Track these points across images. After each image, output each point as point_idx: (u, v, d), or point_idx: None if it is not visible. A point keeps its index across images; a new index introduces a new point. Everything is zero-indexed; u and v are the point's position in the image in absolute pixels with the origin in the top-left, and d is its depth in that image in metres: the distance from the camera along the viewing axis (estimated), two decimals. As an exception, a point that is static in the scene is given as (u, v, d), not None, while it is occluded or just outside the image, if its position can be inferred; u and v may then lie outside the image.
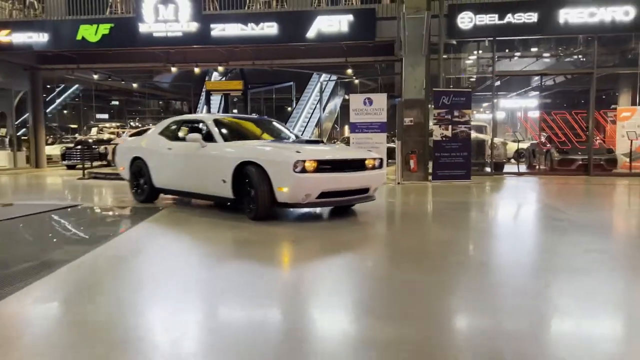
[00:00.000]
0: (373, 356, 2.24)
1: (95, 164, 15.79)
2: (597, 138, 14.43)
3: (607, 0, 12.20)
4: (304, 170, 5.53)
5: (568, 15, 12.22)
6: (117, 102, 34.88)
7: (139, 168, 7.50)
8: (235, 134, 6.98)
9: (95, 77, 19.76)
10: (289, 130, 7.95)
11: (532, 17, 12.32)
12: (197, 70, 16.79)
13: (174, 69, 16.77)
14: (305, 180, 5.54)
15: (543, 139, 15.16)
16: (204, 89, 24.71)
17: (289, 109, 31.65)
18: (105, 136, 19.33)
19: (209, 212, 6.85)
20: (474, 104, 23.45)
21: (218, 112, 23.84)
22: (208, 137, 6.59)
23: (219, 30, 13.77)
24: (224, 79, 22.90)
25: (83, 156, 16.97)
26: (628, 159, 13.34)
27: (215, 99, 23.71)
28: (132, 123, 31.97)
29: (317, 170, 5.63)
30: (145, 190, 7.48)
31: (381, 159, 6.41)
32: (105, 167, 15.53)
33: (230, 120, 7.60)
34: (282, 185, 5.56)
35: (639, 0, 12.05)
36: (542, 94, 23.52)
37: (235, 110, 25.47)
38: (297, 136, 7.59)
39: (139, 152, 7.58)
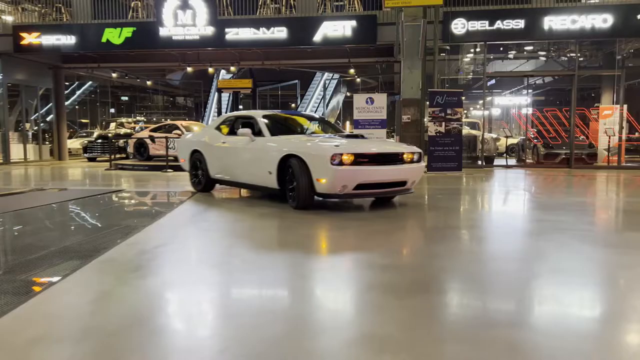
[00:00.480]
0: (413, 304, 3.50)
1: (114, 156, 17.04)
2: (580, 134, 15.67)
3: (587, 9, 13.47)
4: (341, 163, 5.83)
5: (552, 22, 13.46)
6: (126, 98, 36.13)
7: (197, 160, 8.12)
8: (282, 128, 7.40)
9: (114, 75, 21.04)
10: (333, 125, 8.39)
11: (519, 23, 13.57)
12: (210, 70, 18.04)
13: (189, 69, 18.04)
14: (342, 173, 5.82)
15: (531, 135, 16.41)
16: (213, 86, 25.96)
17: (293, 105, 32.89)
18: (122, 131, 20.59)
19: (257, 201, 7.25)
20: (470, 102, 24.83)
21: (227, 108, 25.07)
22: (257, 132, 7.09)
23: (233, 34, 15.02)
24: (232, 77, 24.10)
25: (103, 149, 18.28)
26: (608, 154, 14.59)
27: (224, 96, 24.93)
28: (137, 118, 33.21)
29: (354, 163, 5.90)
30: (202, 181, 8.08)
31: (420, 153, 6.55)
32: (124, 159, 16.70)
33: (278, 116, 8.08)
34: (321, 176, 5.90)
35: (616, 9, 13.31)
36: (535, 91, 24.77)
37: (241, 107, 26.69)
38: (340, 131, 7.89)
39: (197, 145, 8.16)
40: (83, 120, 33.37)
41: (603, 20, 13.25)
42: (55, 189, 8.85)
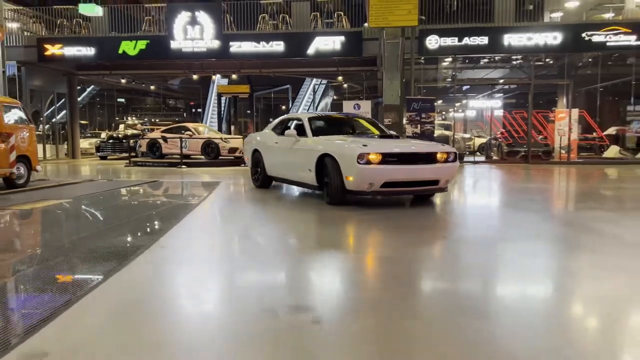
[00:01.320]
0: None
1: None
2: (540, 134, 18.03)
3: (540, 28, 15.81)
4: (368, 162, 6.13)
5: (511, 39, 15.77)
6: (122, 100, 37.84)
7: (257, 159, 8.73)
8: (325, 129, 7.84)
9: (123, 81, 22.98)
10: (378, 126, 8.49)
11: (484, 40, 15.85)
12: (213, 77, 20.08)
13: (195, 76, 20.06)
14: (368, 171, 6.13)
15: (498, 134, 18.75)
16: (210, 91, 27.94)
17: (283, 107, 35.02)
18: (130, 132, 22.50)
19: (300, 197, 7.91)
20: (447, 104, 27.07)
21: (224, 110, 27.07)
22: (302, 132, 7.56)
23: (236, 47, 17.08)
24: (228, 82, 26.08)
25: (114, 149, 20.20)
26: (562, 151, 16.96)
27: (223, 99, 26.93)
28: (144, 120, 34.97)
29: (382, 162, 6.19)
30: (259, 178, 8.71)
31: (455, 153, 6.67)
32: (135, 157, 18.31)
33: (323, 118, 8.60)
34: (349, 174, 6.25)
35: (564, 28, 15.68)
36: (506, 95, 27.21)
37: (232, 109, 28.72)
38: (383, 131, 8.12)
39: (257, 145, 8.80)
40: (82, 122, 35.00)
41: (553, 38, 15.59)
42: (103, 180, 10.85)
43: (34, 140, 9.56)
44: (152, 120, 37.28)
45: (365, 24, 15.86)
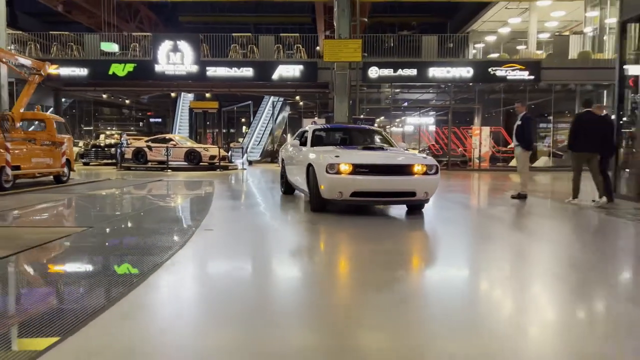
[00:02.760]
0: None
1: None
2: (464, 146, 22.32)
3: (457, 63, 20.09)
4: (338, 172, 6.35)
5: (435, 71, 19.94)
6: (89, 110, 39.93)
7: (282, 167, 9.38)
8: (325, 140, 8.19)
9: (104, 96, 25.69)
10: (381, 137, 8.56)
11: (413, 71, 19.94)
12: (190, 95, 23.25)
13: (173, 94, 23.13)
14: (337, 180, 6.35)
15: (429, 145, 22.92)
16: (178, 104, 30.91)
17: (243, 119, 38.35)
18: (110, 141, 25.15)
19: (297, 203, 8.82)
20: (391, 120, 31.21)
21: (193, 122, 30.06)
22: (305, 143, 7.97)
23: (212, 71, 20.40)
24: (194, 97, 29.11)
25: (97, 156, 22.90)
26: (478, 161, 21.25)
27: (186, 112, 29.94)
28: (121, 131, 37.25)
29: (353, 172, 6.36)
30: (284, 184, 9.23)
31: (435, 166, 6.64)
32: (114, 164, 20.86)
33: (327, 129, 9.07)
34: (322, 183, 6.51)
35: (474, 64, 20.03)
36: (438, 112, 31.74)
37: (208, 123, 31.82)
38: (387, 142, 8.24)
39: (282, 154, 9.62)
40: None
41: (467, 71, 19.90)
42: (119, 178, 13.90)
43: (72, 148, 12.59)
44: (111, 129, 39.55)
45: (320, 53, 19.60)
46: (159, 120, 44.20)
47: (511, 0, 19.90)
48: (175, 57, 20.27)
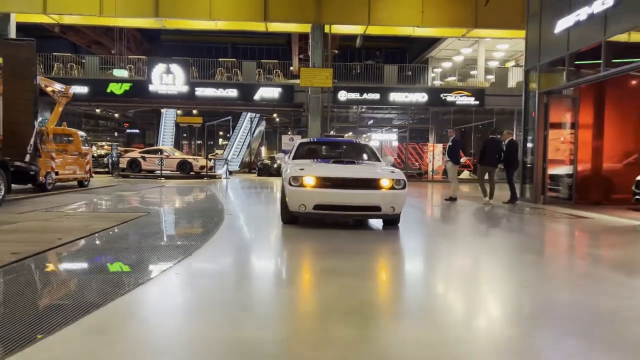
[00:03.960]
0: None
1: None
2: (422, 160, 25.55)
3: (413, 89, 23.37)
4: (301, 185, 6.35)
5: (395, 96, 23.15)
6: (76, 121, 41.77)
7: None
8: (308, 153, 8.20)
9: (98, 110, 27.92)
10: (366, 150, 8.48)
11: (376, 95, 23.09)
12: (179, 112, 25.82)
13: (163, 110, 25.60)
14: (299, 193, 6.36)
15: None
16: (162, 118, 33.31)
17: (221, 132, 40.91)
18: (102, 152, 27.41)
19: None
20: (358, 135, 34.33)
21: (178, 137, 32.48)
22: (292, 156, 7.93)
23: (200, 91, 23.07)
24: (176, 112, 31.61)
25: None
26: (432, 173, 24.49)
27: (169, 126, 32.37)
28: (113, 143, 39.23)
29: (317, 185, 6.35)
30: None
31: (402, 180, 6.53)
32: (108, 173, 23.30)
33: (313, 142, 9.25)
34: (287, 196, 6.55)
35: (429, 90, 23.35)
36: (400, 130, 35.09)
37: (184, 135, 34.21)
38: (371, 156, 8.18)
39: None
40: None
41: (422, 97, 23.20)
42: (127, 184, 16.36)
43: (91, 158, 15.06)
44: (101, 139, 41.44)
45: (293, 72, 22.53)
46: (137, 131, 46.23)
47: (458, 37, 23.22)
48: (167, 79, 22.85)
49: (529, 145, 12.37)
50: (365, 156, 8.15)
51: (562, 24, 10.58)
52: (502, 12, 19.62)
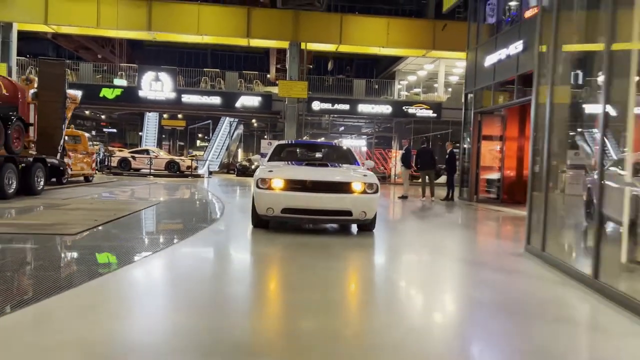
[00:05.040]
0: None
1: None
2: (382, 165, 28.33)
3: (379, 102, 26.17)
4: (269, 188, 6.25)
5: (363, 107, 25.88)
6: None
7: None
8: (284, 155, 7.95)
9: (87, 112, 29.79)
10: (345, 154, 8.26)
11: (346, 106, 25.78)
12: (166, 116, 27.98)
13: (150, 113, 27.69)
14: (266, 196, 6.26)
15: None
16: (145, 120, 35.30)
17: (200, 135, 43.02)
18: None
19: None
20: (329, 139, 36.95)
21: (155, 135, 34.50)
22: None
23: (186, 98, 25.31)
24: (159, 115, 33.68)
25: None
26: (395, 177, 27.26)
27: (152, 127, 34.43)
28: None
29: (285, 188, 6.24)
30: None
31: (375, 184, 6.37)
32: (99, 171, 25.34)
33: (291, 144, 9.27)
34: (254, 199, 6.47)
35: (393, 103, 26.18)
36: (369, 137, 37.91)
37: (163, 135, 36.29)
38: (349, 159, 7.90)
39: None
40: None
41: (386, 109, 26.00)
42: (124, 180, 18.51)
43: (96, 157, 17.22)
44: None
45: (270, 79, 25.04)
46: (115, 131, 47.83)
47: (419, 56, 26.15)
48: (156, 85, 24.99)
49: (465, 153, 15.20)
50: (343, 160, 7.87)
51: (490, 60, 13.42)
52: (456, 37, 22.52)
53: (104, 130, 50.36)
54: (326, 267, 4.89)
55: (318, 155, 8.55)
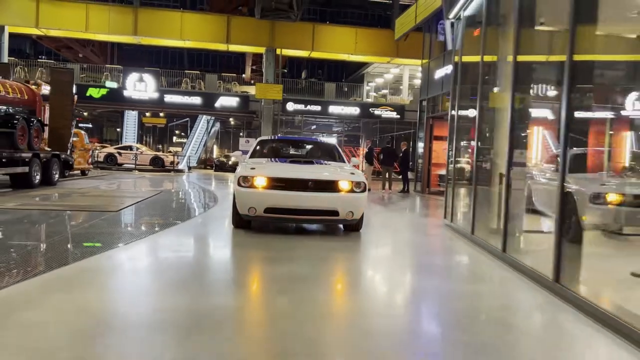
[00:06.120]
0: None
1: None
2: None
3: (348, 103, 28.51)
4: (251, 186, 5.94)
5: (333, 109, 28.17)
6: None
7: None
8: (267, 152, 7.81)
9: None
10: (330, 151, 7.96)
11: (318, 107, 28.03)
12: (148, 114, 29.69)
13: (132, 112, 29.31)
14: (247, 195, 5.94)
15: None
16: (125, 117, 36.79)
17: (177, 132, 44.61)
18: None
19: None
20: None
21: (135, 132, 36.03)
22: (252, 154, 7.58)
23: (169, 98, 27.11)
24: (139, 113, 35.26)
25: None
26: (363, 172, 29.70)
27: (132, 124, 35.95)
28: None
29: (269, 187, 5.94)
30: None
31: (362, 183, 6.17)
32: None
33: (274, 140, 8.81)
34: (235, 198, 6.16)
35: (360, 105, 28.56)
36: (338, 135, 40.28)
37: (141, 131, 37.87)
38: (334, 156, 7.63)
39: None
40: None
41: (355, 110, 28.37)
42: (115, 174, 20.30)
43: (90, 151, 19.00)
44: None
45: (245, 79, 27.09)
46: (90, 126, 48.85)
47: (384, 62, 28.59)
48: (140, 86, 26.70)
49: (420, 152, 17.65)
50: (329, 157, 7.57)
51: (439, 73, 15.87)
52: (418, 47, 24.98)
53: (80, 125, 51.31)
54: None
55: (302, 151, 8.26)
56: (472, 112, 7.34)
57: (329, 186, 6.10)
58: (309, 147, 8.52)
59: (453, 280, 4.89)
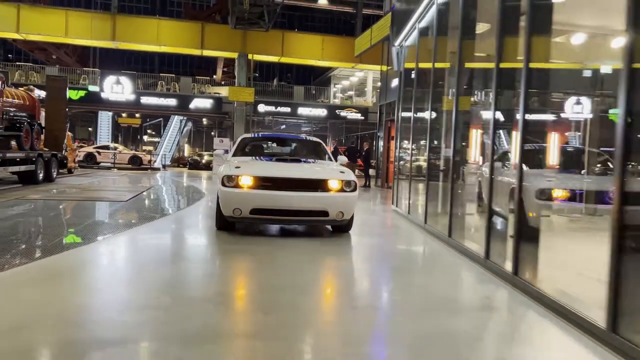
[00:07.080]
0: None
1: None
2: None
3: (316, 105, 30.48)
4: (236, 186, 5.68)
5: (302, 110, 30.10)
6: None
7: None
8: (251, 150, 7.50)
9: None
10: (317, 148, 7.63)
11: (287, 109, 29.92)
12: (124, 115, 30.95)
13: (109, 112, 30.51)
14: (232, 196, 5.67)
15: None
16: (99, 118, 37.77)
17: (149, 131, 45.70)
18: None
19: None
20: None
21: (110, 132, 37.08)
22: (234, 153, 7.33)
23: (145, 99, 28.50)
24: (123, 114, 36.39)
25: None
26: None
27: (105, 124, 37.00)
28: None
29: (255, 186, 5.69)
30: None
31: (353, 182, 6.00)
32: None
33: (257, 138, 8.81)
34: (219, 198, 5.89)
35: (327, 106, 30.57)
36: (307, 134, 42.25)
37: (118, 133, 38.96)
38: (321, 155, 7.38)
39: None
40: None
41: (322, 112, 30.38)
42: (99, 172, 21.67)
43: (76, 151, 20.37)
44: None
45: (216, 80, 28.76)
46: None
47: (349, 67, 30.71)
48: (117, 88, 27.99)
49: (381, 151, 19.80)
50: (315, 155, 7.34)
51: (394, 82, 17.98)
52: (378, 55, 27.22)
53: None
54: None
55: (288, 149, 7.95)
56: (411, 116, 9.41)
57: (319, 185, 5.91)
58: (294, 144, 8.13)
59: (390, 239, 6.99)
